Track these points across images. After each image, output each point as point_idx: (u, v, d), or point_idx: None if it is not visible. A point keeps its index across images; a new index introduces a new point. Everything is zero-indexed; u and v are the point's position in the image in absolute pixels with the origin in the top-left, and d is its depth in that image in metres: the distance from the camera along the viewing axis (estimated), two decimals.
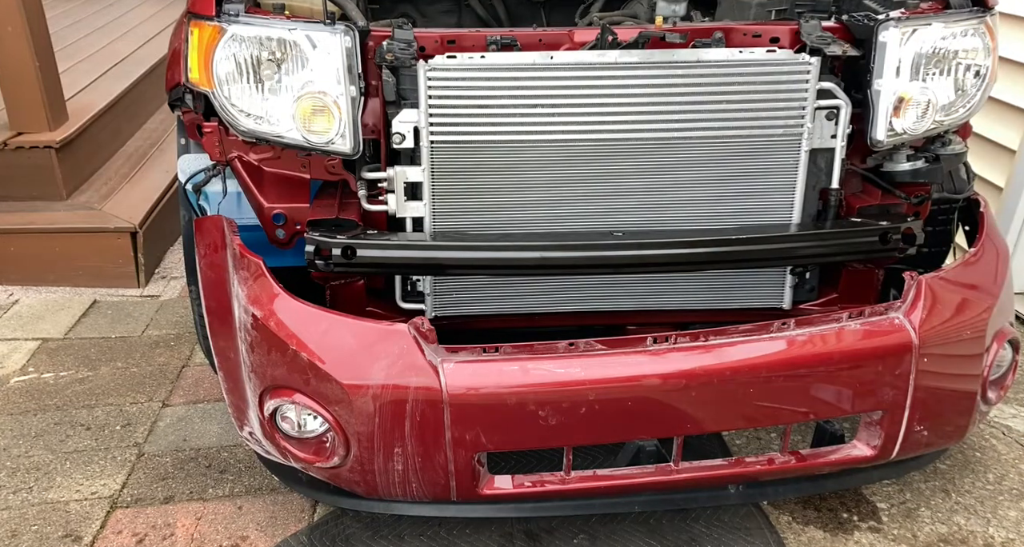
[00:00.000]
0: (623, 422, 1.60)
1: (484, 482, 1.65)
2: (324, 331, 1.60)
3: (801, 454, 1.77)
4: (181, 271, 3.18)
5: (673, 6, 1.99)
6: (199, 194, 1.84)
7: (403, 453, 1.58)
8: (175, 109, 1.79)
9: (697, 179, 1.74)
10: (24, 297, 3.16)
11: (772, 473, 1.75)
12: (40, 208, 3.29)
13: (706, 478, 1.72)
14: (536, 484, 1.68)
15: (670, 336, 1.62)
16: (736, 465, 1.74)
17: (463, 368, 1.55)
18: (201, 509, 2.04)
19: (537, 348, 1.61)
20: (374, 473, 1.62)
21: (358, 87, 1.64)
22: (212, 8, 1.62)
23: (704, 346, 1.61)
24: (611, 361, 1.59)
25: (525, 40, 1.71)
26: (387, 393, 1.55)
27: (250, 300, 1.64)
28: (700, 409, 1.62)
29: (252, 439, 1.78)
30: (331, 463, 1.64)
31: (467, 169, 1.71)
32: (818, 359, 1.63)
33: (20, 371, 2.66)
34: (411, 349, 1.56)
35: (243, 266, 1.68)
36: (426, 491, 1.65)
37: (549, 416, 1.56)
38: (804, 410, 1.67)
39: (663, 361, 1.59)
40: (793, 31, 1.74)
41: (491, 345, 1.59)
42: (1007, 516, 2.00)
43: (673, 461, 1.70)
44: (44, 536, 1.97)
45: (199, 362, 2.67)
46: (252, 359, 1.65)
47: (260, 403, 1.66)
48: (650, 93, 1.67)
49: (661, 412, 1.61)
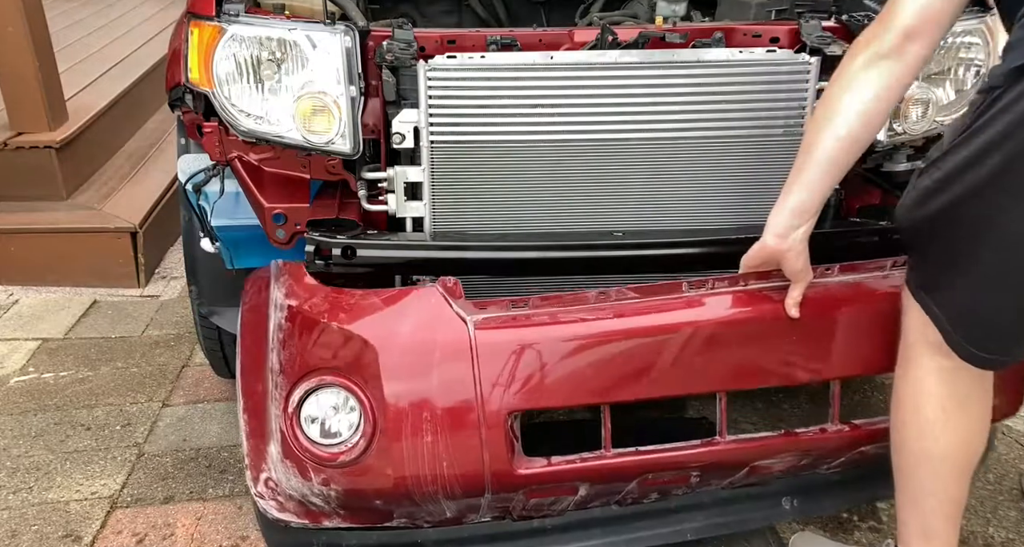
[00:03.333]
0: (661, 374, 1.51)
1: (519, 460, 1.53)
2: (353, 303, 1.56)
3: (855, 423, 1.67)
4: (181, 271, 3.18)
5: (673, 6, 1.99)
6: (199, 194, 1.84)
7: (432, 419, 1.48)
8: (175, 109, 1.79)
9: (697, 179, 1.74)
10: (24, 297, 3.16)
11: (825, 444, 1.64)
12: (40, 208, 3.29)
13: (754, 450, 1.61)
14: (574, 461, 1.55)
15: (707, 281, 1.56)
16: (786, 436, 1.63)
17: (491, 320, 1.50)
18: (201, 509, 2.04)
19: (566, 299, 1.54)
20: (401, 453, 1.50)
21: (358, 87, 1.64)
22: (212, 8, 1.62)
23: (745, 290, 1.54)
24: (645, 308, 1.52)
25: (525, 40, 1.71)
26: (415, 349, 1.49)
27: (286, 295, 1.62)
28: (743, 359, 1.54)
29: (267, 491, 1.67)
30: (354, 454, 1.53)
31: (467, 169, 1.71)
32: (872, 307, 1.54)
33: (20, 371, 2.66)
34: (439, 305, 1.51)
35: (282, 273, 1.66)
36: (458, 471, 1.51)
37: (581, 368, 1.49)
38: (854, 364, 1.58)
39: (701, 307, 1.52)
40: (793, 31, 1.74)
41: (519, 298, 1.54)
42: (1007, 516, 2.00)
43: (719, 433, 1.58)
44: (44, 536, 1.97)
45: (199, 362, 2.67)
46: (283, 357, 1.60)
47: (285, 405, 1.57)
48: (650, 93, 1.67)
49: (702, 363, 1.52)
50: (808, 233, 1.46)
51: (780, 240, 1.46)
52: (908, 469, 1.55)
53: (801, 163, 1.43)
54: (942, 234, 1.39)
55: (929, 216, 1.39)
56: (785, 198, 1.45)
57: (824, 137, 1.39)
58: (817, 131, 1.40)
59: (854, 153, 1.41)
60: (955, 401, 1.47)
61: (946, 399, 1.46)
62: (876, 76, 1.34)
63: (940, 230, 1.39)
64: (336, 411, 1.55)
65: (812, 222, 1.46)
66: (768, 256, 1.50)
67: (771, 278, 1.55)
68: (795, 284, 1.51)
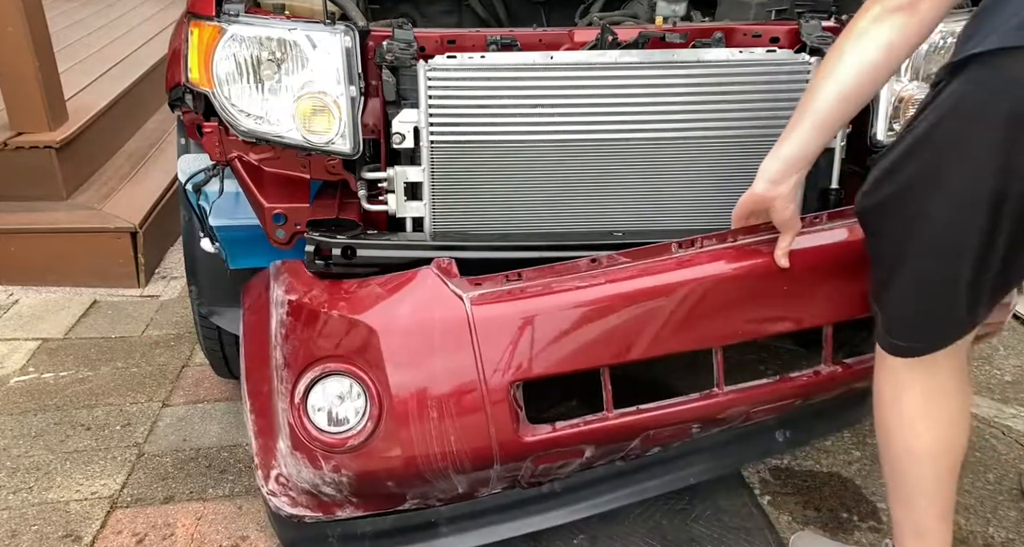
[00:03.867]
0: (657, 334, 1.54)
1: (524, 429, 1.56)
2: (351, 291, 1.59)
3: (847, 363, 1.70)
4: (181, 271, 3.18)
5: (673, 6, 1.98)
6: (199, 194, 1.84)
7: (437, 396, 1.51)
8: (175, 109, 1.79)
9: (697, 179, 1.74)
10: (24, 297, 3.16)
11: (819, 385, 1.67)
12: (40, 208, 3.29)
13: (751, 398, 1.64)
14: (578, 425, 1.58)
15: (695, 240, 1.58)
16: (781, 382, 1.66)
17: (487, 295, 1.53)
18: (201, 509, 2.04)
19: (558, 268, 1.57)
20: (409, 432, 1.52)
21: (358, 87, 1.64)
22: (212, 8, 1.62)
23: (734, 246, 1.56)
24: (637, 272, 1.54)
25: (525, 40, 1.71)
26: (415, 329, 1.51)
27: (286, 292, 1.64)
28: (737, 313, 1.56)
29: (279, 487, 1.69)
30: (363, 437, 1.54)
31: (467, 169, 1.71)
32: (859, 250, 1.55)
33: (20, 371, 2.66)
34: (435, 285, 1.54)
35: (281, 271, 1.68)
36: (466, 444, 1.53)
37: (579, 334, 1.51)
38: (847, 307, 1.60)
39: (692, 266, 1.54)
40: (793, 31, 1.74)
41: (513, 272, 1.57)
42: (1007, 516, 2.00)
43: (717, 384, 1.62)
44: (44, 536, 1.97)
45: (199, 362, 2.67)
46: (286, 352, 1.62)
47: (291, 397, 1.59)
48: (650, 93, 1.67)
49: (696, 320, 1.55)
50: (799, 182, 1.49)
51: (771, 187, 1.48)
52: (896, 469, 1.57)
53: (800, 113, 1.45)
54: (883, 224, 1.42)
55: (876, 204, 1.42)
56: (780, 146, 1.47)
57: (825, 87, 1.40)
58: (820, 81, 1.41)
59: (853, 107, 1.43)
60: (933, 394, 1.49)
61: (922, 392, 1.49)
62: (887, 30, 1.33)
63: (882, 220, 1.42)
64: (342, 400, 1.57)
65: (804, 172, 1.48)
66: (757, 203, 1.52)
67: (759, 232, 1.58)
68: (784, 234, 1.54)
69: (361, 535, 1.73)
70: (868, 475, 2.13)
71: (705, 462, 1.81)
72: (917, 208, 1.34)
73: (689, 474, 1.79)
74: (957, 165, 1.28)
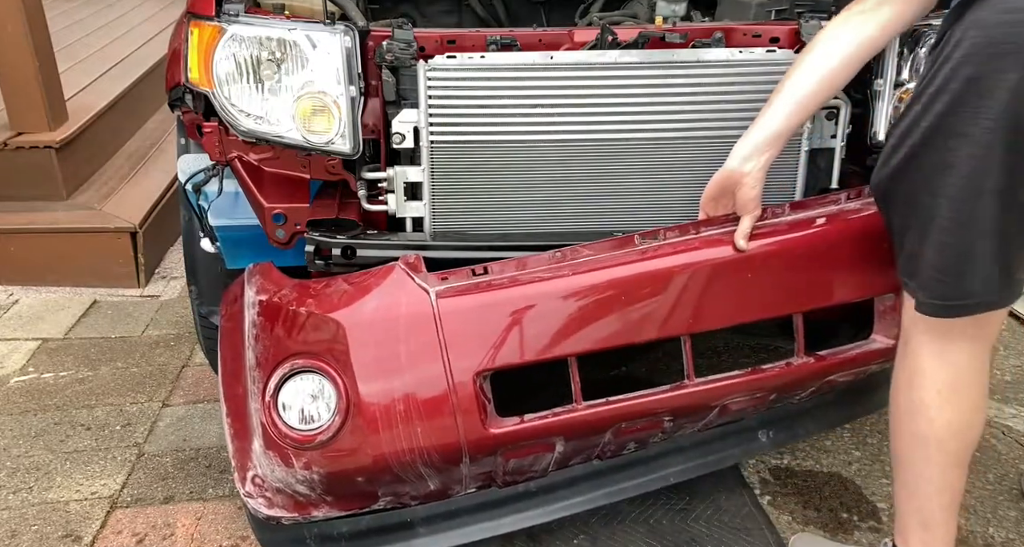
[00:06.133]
0: (623, 324, 1.54)
1: (492, 421, 1.55)
2: (320, 289, 1.60)
3: (820, 354, 1.69)
4: (181, 271, 3.18)
5: (673, 6, 1.98)
6: (199, 194, 1.85)
7: (404, 389, 1.51)
8: (175, 109, 1.79)
9: (697, 179, 1.74)
10: (24, 297, 3.16)
11: (792, 376, 1.67)
12: (40, 208, 3.29)
13: (723, 390, 1.64)
14: (547, 417, 1.58)
15: (658, 232, 1.60)
16: (753, 373, 1.65)
17: (452, 289, 1.54)
18: (201, 509, 2.04)
19: (523, 261, 1.59)
20: (377, 426, 1.51)
21: (358, 87, 1.64)
22: (212, 8, 1.62)
23: (696, 238, 1.58)
24: (601, 263, 1.56)
25: (525, 40, 1.71)
26: (381, 324, 1.52)
27: (257, 292, 1.65)
28: (699, 303, 1.57)
29: (255, 488, 1.69)
30: (331, 433, 1.54)
31: (467, 169, 1.71)
32: (822, 239, 1.59)
33: (20, 371, 2.67)
34: (402, 280, 1.55)
35: (253, 273, 1.69)
36: (433, 438, 1.53)
37: (544, 325, 1.52)
38: (813, 296, 1.62)
39: (654, 258, 1.56)
40: (793, 31, 1.74)
41: (479, 265, 1.58)
42: (1007, 516, 2.00)
43: (687, 376, 1.61)
44: (44, 536, 1.97)
45: (199, 362, 2.67)
46: (258, 351, 1.62)
47: (263, 395, 1.60)
48: (650, 93, 1.67)
49: (662, 309, 1.56)
50: (768, 163, 1.55)
51: (741, 163, 1.55)
52: (904, 454, 1.57)
53: (773, 97, 1.55)
54: (902, 189, 1.45)
55: (890, 174, 1.46)
56: (752, 128, 1.56)
57: (797, 75, 1.53)
58: (793, 69, 1.54)
59: (821, 94, 1.54)
60: (950, 384, 1.49)
61: (941, 382, 1.49)
62: (851, 28, 1.50)
63: (901, 185, 1.45)
64: (313, 398, 1.57)
65: (773, 153, 1.55)
66: (726, 179, 1.57)
67: (722, 223, 1.60)
68: (744, 216, 1.57)
69: (338, 536, 1.73)
70: (868, 475, 2.13)
71: (684, 462, 1.81)
72: (941, 157, 1.35)
73: (668, 474, 1.79)
74: (976, 100, 1.30)
